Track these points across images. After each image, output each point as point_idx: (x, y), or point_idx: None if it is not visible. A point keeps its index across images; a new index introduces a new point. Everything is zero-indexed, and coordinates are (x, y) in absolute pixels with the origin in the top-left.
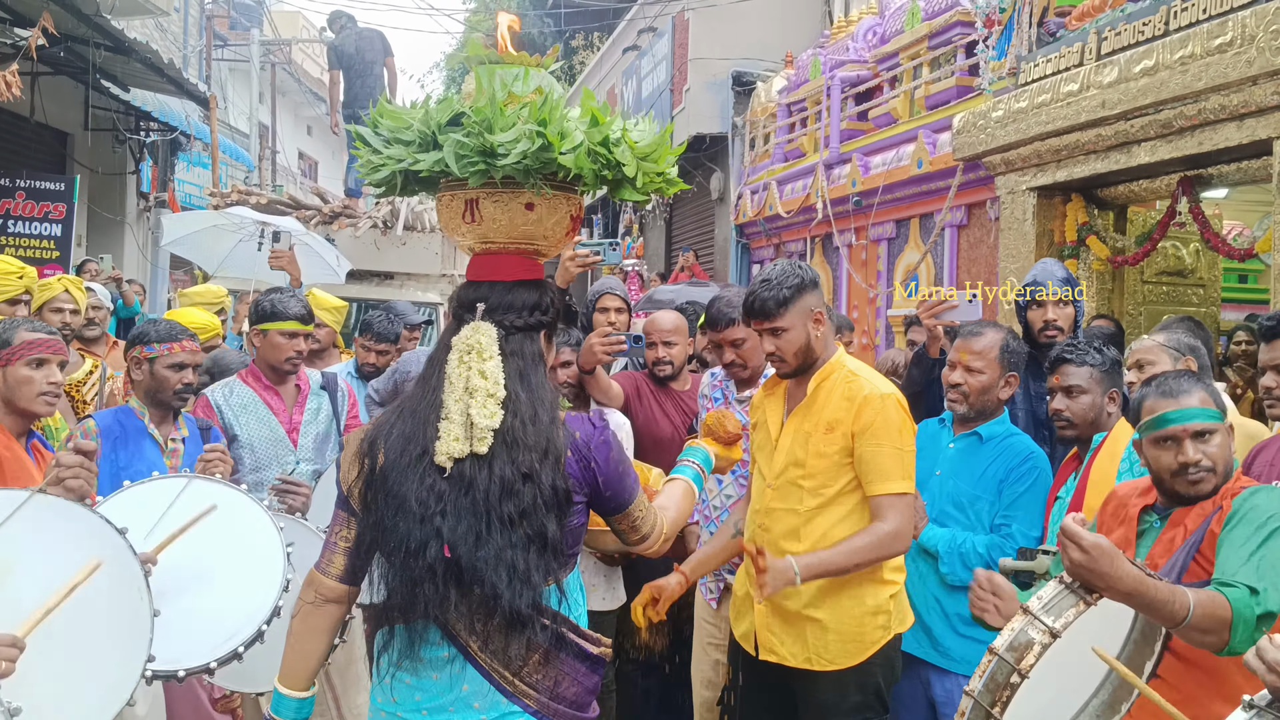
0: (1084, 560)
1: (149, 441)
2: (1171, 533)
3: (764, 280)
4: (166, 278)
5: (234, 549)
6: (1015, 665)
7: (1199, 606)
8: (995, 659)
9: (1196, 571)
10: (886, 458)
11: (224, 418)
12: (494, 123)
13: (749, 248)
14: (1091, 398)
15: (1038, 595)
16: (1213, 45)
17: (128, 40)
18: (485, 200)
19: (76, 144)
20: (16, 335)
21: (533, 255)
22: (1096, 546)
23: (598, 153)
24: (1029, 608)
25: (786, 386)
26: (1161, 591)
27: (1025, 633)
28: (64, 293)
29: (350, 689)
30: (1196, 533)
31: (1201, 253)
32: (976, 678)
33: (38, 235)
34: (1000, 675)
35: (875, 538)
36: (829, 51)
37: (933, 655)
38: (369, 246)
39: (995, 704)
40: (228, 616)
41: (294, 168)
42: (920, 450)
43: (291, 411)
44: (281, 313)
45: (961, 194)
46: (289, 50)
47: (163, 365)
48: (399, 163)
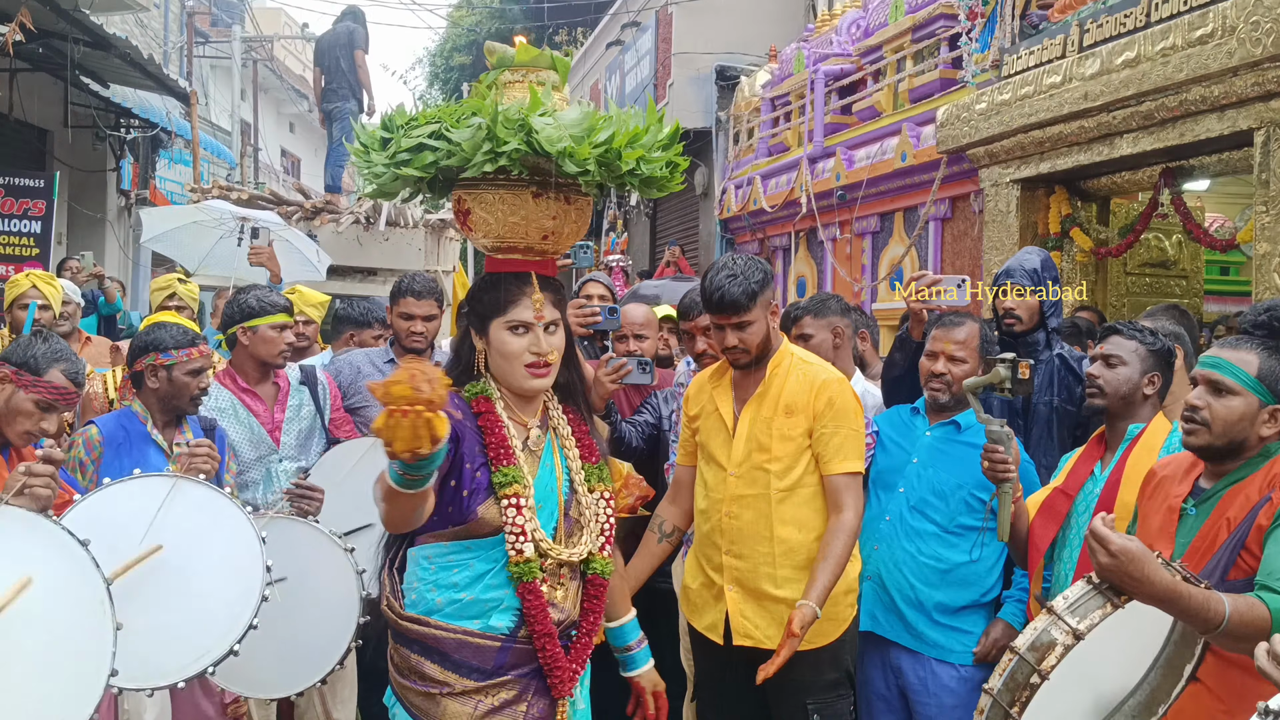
0: (1112, 565)
1: (153, 448)
2: (1214, 525)
3: (729, 274)
4: (148, 276)
5: (215, 555)
6: (1036, 666)
7: (1235, 614)
8: (1016, 658)
9: (1243, 568)
10: (845, 438)
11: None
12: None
13: (734, 243)
14: (1129, 371)
15: (1063, 595)
16: (1194, 37)
17: (107, 36)
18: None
19: (56, 141)
20: (49, 371)
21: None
22: (1125, 551)
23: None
24: (1053, 607)
25: (732, 376)
26: (1195, 598)
27: (1048, 633)
28: (32, 288)
29: (338, 682)
30: (1241, 526)
31: (1184, 244)
32: (996, 676)
33: (17, 233)
34: (1020, 675)
35: (846, 533)
36: (813, 45)
37: (905, 638)
38: (351, 242)
39: (1014, 704)
40: (199, 632)
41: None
42: (893, 438)
43: (273, 410)
44: (269, 307)
45: (945, 187)
46: (271, 47)
47: (182, 372)
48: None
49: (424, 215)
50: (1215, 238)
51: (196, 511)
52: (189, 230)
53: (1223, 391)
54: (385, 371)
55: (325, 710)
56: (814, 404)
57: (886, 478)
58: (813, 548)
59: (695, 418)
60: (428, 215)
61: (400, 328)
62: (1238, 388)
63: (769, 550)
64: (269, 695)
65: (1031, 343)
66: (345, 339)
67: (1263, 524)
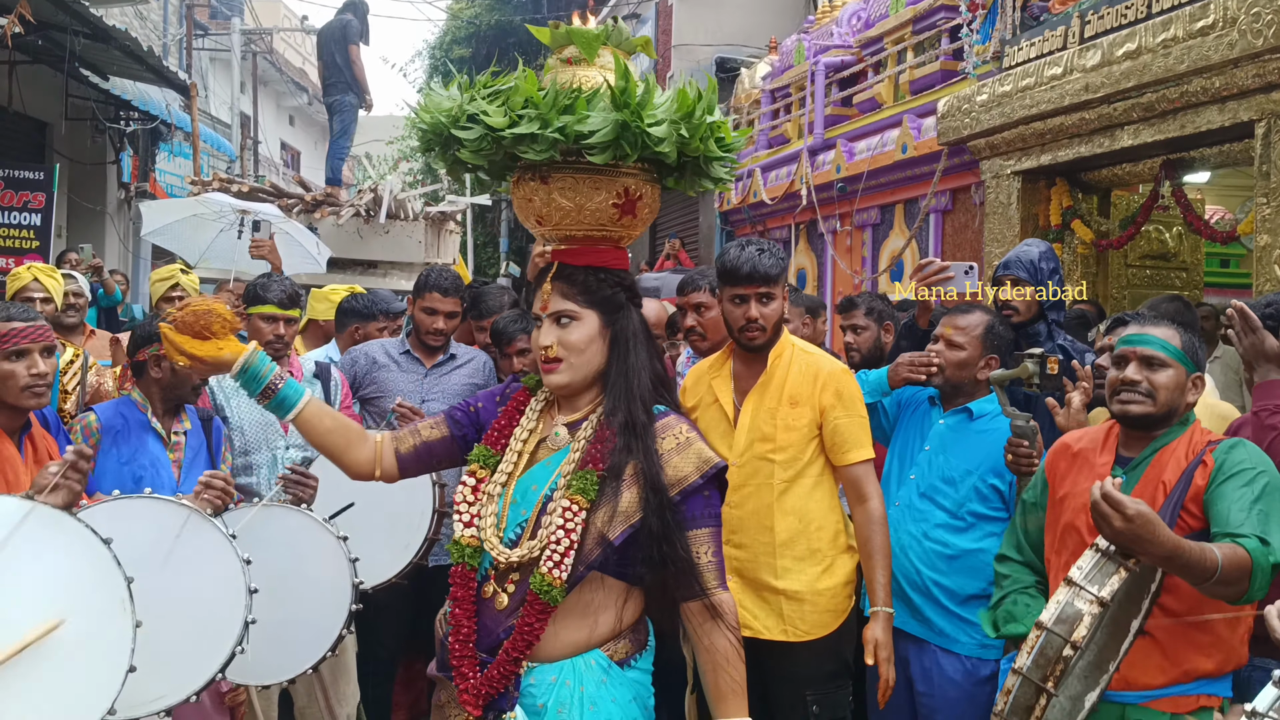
0: (1128, 528)
1: (152, 436)
2: (1149, 488)
3: (757, 248)
4: (149, 268)
5: (198, 570)
6: (1067, 638)
7: (1225, 560)
8: (1044, 634)
9: (1183, 526)
10: (857, 427)
11: (215, 399)
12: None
13: (733, 235)
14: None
15: (1077, 566)
16: (1195, 28)
17: (107, 28)
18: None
19: (55, 133)
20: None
21: None
22: (1140, 514)
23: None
24: (1071, 579)
25: (731, 366)
26: (1194, 552)
27: (1072, 604)
28: (33, 281)
29: (340, 678)
30: (1179, 486)
31: (1184, 236)
32: (1024, 654)
33: (17, 225)
34: (1051, 649)
35: (879, 523)
36: (813, 37)
37: (910, 624)
38: (352, 235)
39: (1047, 679)
40: (215, 625)
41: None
42: (907, 425)
43: None
44: (261, 297)
45: (946, 179)
46: (270, 40)
47: None
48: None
49: (424, 208)
50: (1216, 230)
51: (201, 549)
52: (189, 223)
53: (1155, 365)
54: (400, 362)
55: (328, 706)
56: (820, 395)
57: (898, 463)
58: (814, 538)
59: (693, 409)
60: (428, 208)
61: (423, 321)
62: (1169, 360)
63: (769, 540)
64: (261, 682)
65: (1033, 334)
66: (350, 332)
67: (1200, 484)
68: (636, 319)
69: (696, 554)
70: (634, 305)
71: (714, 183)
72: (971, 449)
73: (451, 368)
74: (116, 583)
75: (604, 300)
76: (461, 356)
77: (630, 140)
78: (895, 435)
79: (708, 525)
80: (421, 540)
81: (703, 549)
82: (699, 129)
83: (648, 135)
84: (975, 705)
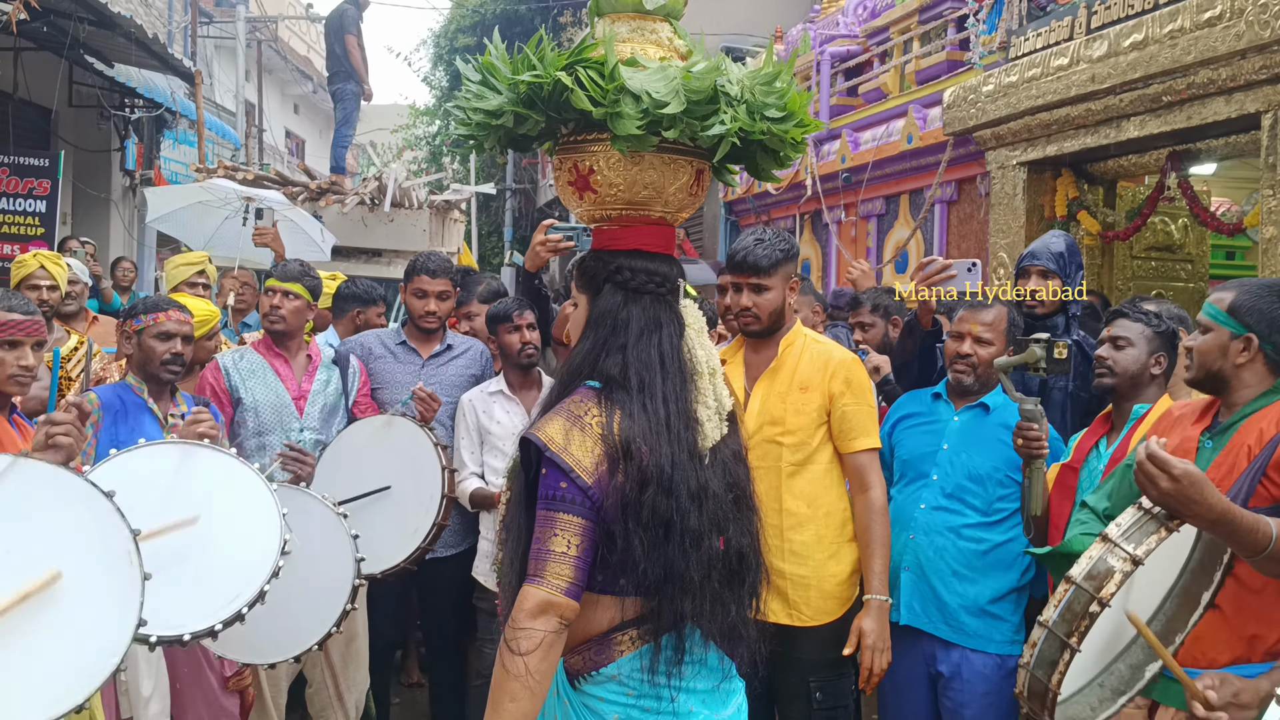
0: (1174, 489)
1: (149, 416)
2: (1232, 454)
3: (757, 239)
4: (154, 256)
5: (228, 514)
6: (1095, 594)
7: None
8: (1073, 588)
9: (1264, 495)
10: (865, 415)
11: (230, 379)
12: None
13: (738, 225)
14: (1136, 352)
15: (1116, 522)
16: (1201, 19)
17: (112, 15)
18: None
19: (60, 120)
20: None
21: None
22: (1187, 474)
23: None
24: (1108, 534)
25: (744, 354)
26: (1246, 520)
27: (1105, 560)
28: (40, 269)
29: (350, 665)
30: (1262, 454)
31: (1190, 228)
32: (1051, 608)
33: (22, 212)
34: (1078, 604)
35: (880, 513)
36: (818, 26)
37: (942, 629)
38: (356, 223)
39: (1072, 634)
40: (228, 579)
41: (281, 146)
42: (917, 423)
43: (300, 380)
44: (274, 273)
45: (951, 169)
46: (275, 27)
47: (149, 335)
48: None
49: (428, 197)
50: (1222, 222)
51: (210, 476)
52: (194, 210)
53: (1201, 329)
54: (396, 353)
55: (337, 692)
56: (829, 383)
57: (917, 465)
58: (821, 524)
59: None
60: (432, 197)
61: (414, 307)
62: (1212, 324)
63: (777, 524)
64: (265, 660)
65: (1051, 326)
66: (351, 317)
67: None
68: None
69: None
70: (616, 285)
71: (780, 165)
72: (993, 444)
73: (449, 358)
74: (121, 536)
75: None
76: (458, 347)
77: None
78: (900, 444)
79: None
80: (430, 526)
81: (542, 530)
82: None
83: (775, 137)
84: (1004, 698)
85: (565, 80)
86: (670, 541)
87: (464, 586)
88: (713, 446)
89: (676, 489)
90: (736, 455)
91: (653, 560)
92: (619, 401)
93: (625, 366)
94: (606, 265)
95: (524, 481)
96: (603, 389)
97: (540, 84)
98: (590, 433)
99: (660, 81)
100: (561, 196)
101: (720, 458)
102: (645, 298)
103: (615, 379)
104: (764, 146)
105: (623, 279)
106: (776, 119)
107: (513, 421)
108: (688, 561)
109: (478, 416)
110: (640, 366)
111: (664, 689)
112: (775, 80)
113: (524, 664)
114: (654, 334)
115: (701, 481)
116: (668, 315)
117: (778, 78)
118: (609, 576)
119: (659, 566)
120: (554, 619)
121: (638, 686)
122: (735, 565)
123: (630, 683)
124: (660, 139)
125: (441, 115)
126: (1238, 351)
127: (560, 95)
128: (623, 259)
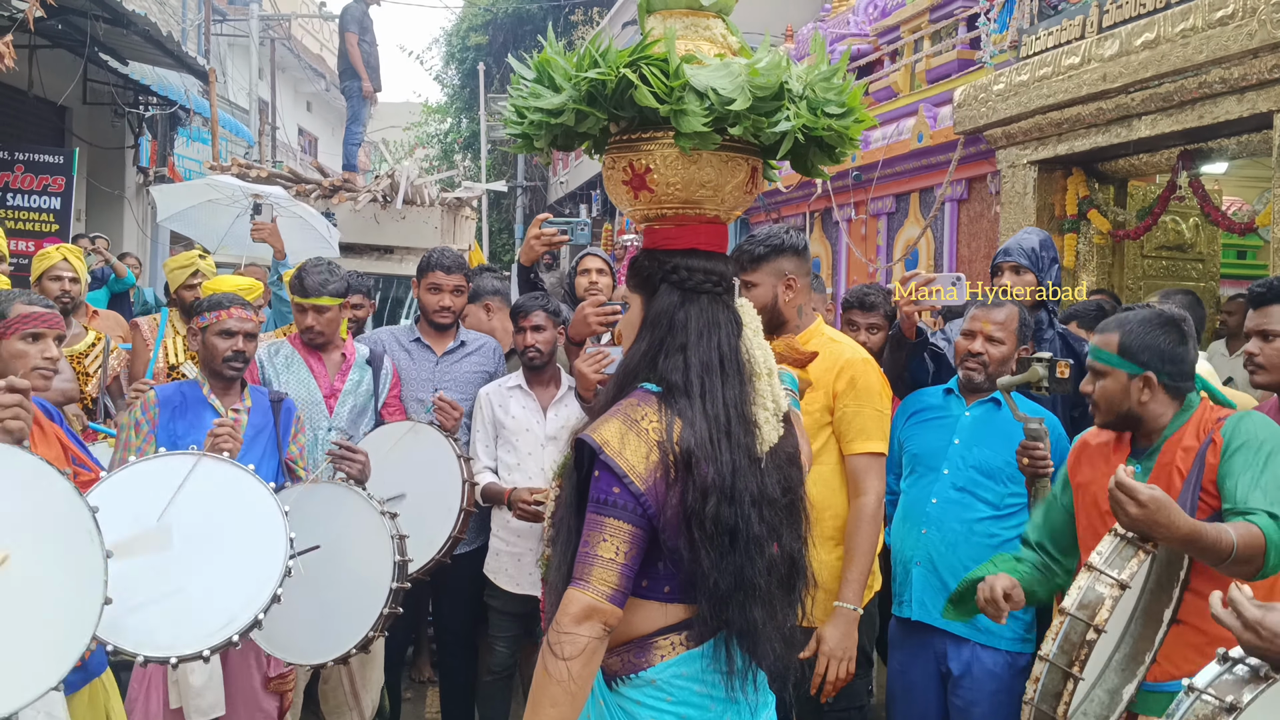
0: (1142, 514)
1: (209, 411)
2: (1163, 475)
3: (752, 235)
4: (167, 253)
5: (239, 528)
6: (1089, 622)
7: (1240, 540)
8: (1067, 619)
9: (1205, 508)
10: (868, 418)
11: (264, 372)
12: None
13: (748, 223)
14: None
15: (1096, 551)
16: (1214, 18)
17: (126, 13)
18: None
19: (75, 118)
20: (12, 308)
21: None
22: (1154, 499)
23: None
24: (1092, 564)
25: None
26: (1210, 534)
27: (1093, 589)
28: (62, 261)
29: (367, 664)
30: (1193, 470)
31: (1201, 227)
32: (1049, 641)
33: (37, 208)
34: (1075, 634)
35: (869, 521)
36: (829, 25)
37: (956, 625)
38: (368, 220)
39: (1073, 663)
40: (246, 586)
41: (294, 143)
42: (929, 420)
43: (334, 379)
44: (294, 288)
45: (962, 168)
46: (289, 25)
47: (212, 333)
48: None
49: (439, 194)
50: (1233, 221)
51: (218, 488)
52: (205, 209)
53: (1096, 375)
54: (410, 350)
55: (353, 691)
56: (834, 382)
57: (928, 460)
58: (826, 524)
59: None
60: (443, 194)
61: (428, 302)
62: (1105, 368)
63: None
64: (309, 661)
65: (1036, 322)
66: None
67: (1213, 463)
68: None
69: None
70: (672, 285)
71: (834, 161)
72: (1005, 439)
73: (462, 355)
74: (79, 514)
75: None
76: (472, 343)
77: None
78: (910, 439)
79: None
80: (445, 538)
81: (591, 534)
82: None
83: (835, 134)
84: (1013, 696)
85: (630, 77)
86: (736, 549)
87: (476, 583)
88: (769, 449)
89: (739, 496)
90: (791, 458)
91: (722, 570)
92: (679, 409)
93: (686, 369)
94: (662, 265)
95: (575, 482)
96: (662, 394)
97: (604, 81)
98: (646, 438)
99: (725, 78)
100: (612, 196)
101: (776, 461)
102: (702, 297)
103: (675, 384)
104: (821, 143)
105: (679, 278)
106: (837, 115)
107: (527, 416)
108: (754, 568)
109: (493, 410)
110: (700, 369)
111: (706, 697)
112: (834, 76)
113: (566, 669)
114: (713, 334)
115: (761, 486)
116: (725, 315)
117: (836, 74)
118: (654, 582)
119: (729, 575)
120: (598, 625)
121: (676, 692)
122: (787, 571)
123: (669, 688)
124: (724, 136)
125: (454, 113)
126: (1139, 390)
127: (624, 93)
128: (679, 258)
